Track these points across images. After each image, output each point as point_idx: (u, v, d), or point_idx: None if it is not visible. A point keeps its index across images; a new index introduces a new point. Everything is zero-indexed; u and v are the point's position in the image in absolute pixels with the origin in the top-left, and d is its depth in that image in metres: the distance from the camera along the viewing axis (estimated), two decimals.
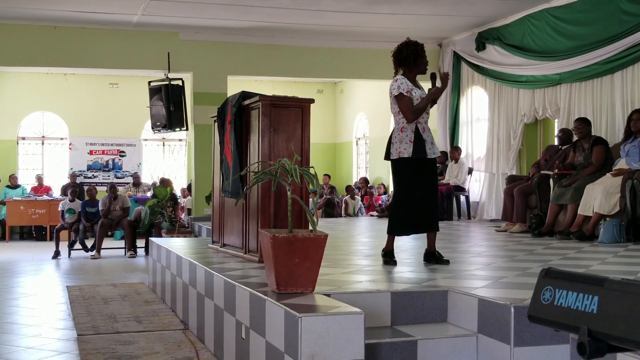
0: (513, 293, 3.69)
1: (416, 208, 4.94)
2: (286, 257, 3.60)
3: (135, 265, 10.02)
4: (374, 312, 3.70)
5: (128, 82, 15.26)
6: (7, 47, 10.72)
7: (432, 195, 5.03)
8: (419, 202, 4.93)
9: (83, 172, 15.53)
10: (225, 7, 9.87)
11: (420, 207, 4.94)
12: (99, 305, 6.35)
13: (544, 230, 7.54)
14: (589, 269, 4.87)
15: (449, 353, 3.47)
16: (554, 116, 9.72)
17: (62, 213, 11.50)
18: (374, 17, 10.06)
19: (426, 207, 4.96)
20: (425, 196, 4.95)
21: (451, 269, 4.87)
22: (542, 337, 3.25)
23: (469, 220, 11.01)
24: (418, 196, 4.92)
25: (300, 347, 3.08)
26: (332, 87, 17.19)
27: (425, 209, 4.96)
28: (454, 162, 11.26)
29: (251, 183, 4.68)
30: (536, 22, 9.78)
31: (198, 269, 5.14)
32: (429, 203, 4.98)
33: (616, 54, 8.30)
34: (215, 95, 10.72)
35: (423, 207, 4.95)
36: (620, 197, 6.87)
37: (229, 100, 5.71)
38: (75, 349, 4.74)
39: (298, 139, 5.11)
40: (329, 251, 4.26)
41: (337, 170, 16.88)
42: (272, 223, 5.00)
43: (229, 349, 4.23)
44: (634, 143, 7.23)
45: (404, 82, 4.94)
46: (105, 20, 10.55)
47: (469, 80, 11.64)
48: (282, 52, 11.74)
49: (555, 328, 1.91)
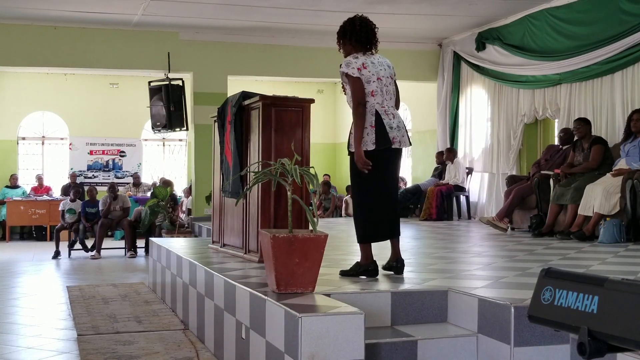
0: (513, 293, 3.69)
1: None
2: (286, 257, 3.60)
3: (135, 265, 10.02)
4: (374, 312, 3.70)
5: (128, 82, 15.25)
6: (7, 47, 10.72)
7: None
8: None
9: (83, 172, 15.52)
10: (225, 7, 9.87)
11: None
12: (99, 305, 6.35)
13: (545, 230, 7.54)
14: (589, 269, 4.87)
15: (449, 353, 3.47)
16: (554, 116, 9.72)
17: (63, 213, 11.50)
18: (374, 17, 9.91)
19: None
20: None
21: (451, 269, 4.87)
22: (542, 337, 3.25)
23: (469, 220, 11.01)
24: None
25: (300, 347, 3.08)
26: (332, 87, 17.18)
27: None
28: (450, 162, 11.28)
29: (251, 183, 4.68)
30: (536, 22, 9.77)
31: (198, 269, 5.14)
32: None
33: (616, 54, 8.30)
34: (215, 95, 10.71)
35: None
36: (620, 197, 6.87)
37: (229, 100, 5.71)
38: (75, 349, 4.74)
39: (298, 139, 5.11)
40: (329, 251, 4.26)
41: (337, 170, 16.87)
42: (272, 223, 5.00)
43: (229, 349, 4.23)
44: (634, 143, 7.23)
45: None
46: (105, 20, 10.55)
47: (469, 81, 11.64)
48: (282, 52, 11.73)
49: (555, 328, 1.91)
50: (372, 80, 4.28)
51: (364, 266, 4.35)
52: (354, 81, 4.26)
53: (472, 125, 11.62)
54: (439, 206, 10.80)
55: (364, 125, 4.22)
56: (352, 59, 4.32)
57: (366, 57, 4.35)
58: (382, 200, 4.32)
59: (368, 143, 4.22)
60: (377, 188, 4.30)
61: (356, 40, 4.38)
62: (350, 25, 4.43)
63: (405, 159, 14.05)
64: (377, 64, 4.35)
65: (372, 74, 4.28)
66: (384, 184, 4.31)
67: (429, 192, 10.96)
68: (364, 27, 4.41)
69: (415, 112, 13.64)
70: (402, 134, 4.34)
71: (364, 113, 4.23)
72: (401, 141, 4.33)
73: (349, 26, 4.43)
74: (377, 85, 4.29)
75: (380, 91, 4.30)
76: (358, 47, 4.38)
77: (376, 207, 4.31)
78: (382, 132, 4.23)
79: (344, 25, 4.46)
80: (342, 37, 4.45)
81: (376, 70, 4.31)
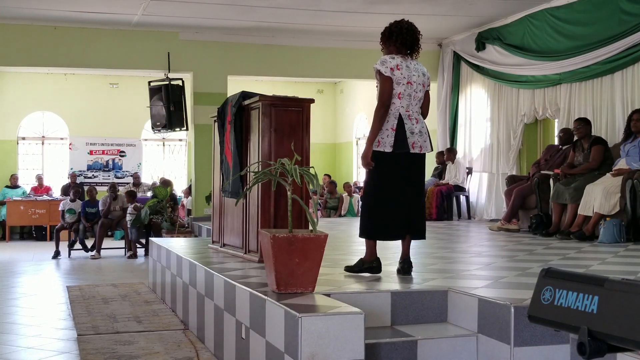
0: (513, 293, 3.69)
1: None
2: (286, 257, 3.60)
3: (135, 265, 10.02)
4: (374, 312, 3.70)
5: (128, 82, 15.25)
6: (7, 47, 10.72)
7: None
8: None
9: (83, 172, 15.52)
10: (225, 7, 9.87)
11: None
12: (99, 305, 6.35)
13: (552, 230, 7.54)
14: (589, 269, 4.87)
15: (449, 353, 3.47)
16: (554, 116, 9.72)
17: (63, 213, 11.50)
18: (374, 17, 10.05)
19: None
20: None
21: (451, 269, 4.87)
22: (542, 337, 3.25)
23: (469, 220, 11.02)
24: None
25: (300, 347, 3.08)
26: (332, 87, 17.18)
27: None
28: (450, 162, 11.29)
29: (251, 183, 4.68)
30: (536, 22, 9.77)
31: (198, 269, 5.14)
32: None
33: (616, 54, 8.30)
34: (215, 95, 10.72)
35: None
36: (620, 197, 6.87)
37: (229, 100, 5.72)
38: (75, 349, 4.74)
39: (298, 139, 5.11)
40: (329, 251, 4.26)
41: (337, 170, 16.87)
42: (272, 223, 5.00)
43: (229, 349, 4.23)
44: (634, 143, 7.23)
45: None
46: (105, 20, 10.55)
47: (469, 80, 11.64)
48: (282, 52, 11.73)
49: (555, 328, 1.91)
50: (402, 83, 4.34)
51: (368, 263, 4.43)
52: (384, 80, 4.33)
53: (472, 125, 11.63)
54: (438, 206, 10.81)
55: (381, 127, 4.30)
56: (389, 58, 4.39)
57: (403, 59, 4.41)
58: (390, 202, 4.33)
59: (386, 145, 4.29)
60: (387, 189, 4.33)
61: (401, 42, 4.45)
62: (397, 27, 4.50)
63: None
64: (412, 69, 4.42)
65: (403, 76, 4.35)
66: (395, 186, 4.34)
67: (428, 192, 10.96)
68: (410, 30, 4.49)
69: None
70: (423, 139, 4.44)
71: (384, 116, 4.30)
72: (422, 146, 4.42)
73: (396, 28, 4.50)
74: (405, 88, 4.36)
75: (408, 95, 4.38)
76: (401, 49, 4.45)
77: (382, 207, 4.34)
78: (402, 136, 4.31)
79: (391, 26, 4.53)
80: (387, 37, 4.51)
81: (409, 74, 4.38)
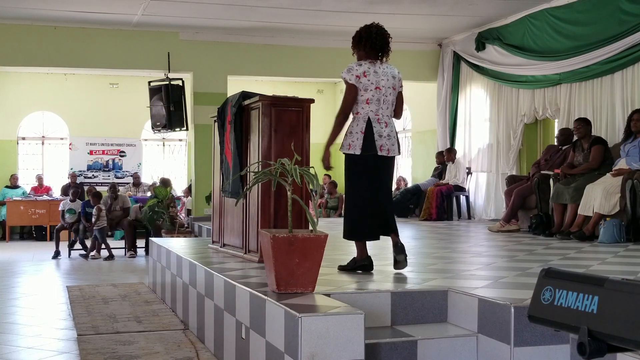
0: (513, 293, 3.69)
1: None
2: (286, 257, 3.60)
3: (135, 265, 10.02)
4: (374, 312, 3.70)
5: (128, 82, 15.24)
6: (7, 47, 10.72)
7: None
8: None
9: (83, 172, 15.51)
10: (225, 7, 9.87)
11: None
12: (99, 305, 6.35)
13: (555, 230, 7.54)
14: (589, 269, 4.87)
15: (449, 353, 3.47)
16: (554, 116, 9.72)
17: (63, 213, 11.49)
18: (374, 17, 9.91)
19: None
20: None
21: (451, 269, 4.87)
22: (542, 337, 3.25)
23: (469, 220, 11.01)
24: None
25: (300, 347, 3.08)
26: (332, 87, 17.18)
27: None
28: (451, 162, 11.29)
29: (251, 183, 4.68)
30: (536, 22, 9.77)
31: (198, 269, 5.14)
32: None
33: (616, 54, 8.30)
34: (215, 95, 10.71)
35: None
36: (620, 197, 6.87)
37: (229, 100, 5.72)
38: (75, 349, 4.74)
39: (298, 139, 5.12)
40: (329, 251, 4.25)
41: (337, 170, 16.86)
42: (272, 223, 5.00)
43: (229, 349, 4.23)
44: (634, 143, 7.23)
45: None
46: (105, 20, 10.55)
47: (469, 80, 11.64)
48: (282, 52, 11.73)
49: (555, 328, 1.91)
50: (369, 89, 4.42)
51: (360, 262, 4.60)
52: (348, 87, 4.46)
53: (471, 125, 11.62)
54: (439, 206, 10.81)
55: (339, 132, 4.51)
56: (355, 66, 4.46)
57: (371, 65, 4.45)
58: (365, 204, 4.49)
59: (356, 147, 4.45)
60: (360, 190, 4.51)
61: (371, 47, 4.49)
62: (366, 32, 4.53)
63: (405, 159, 14.06)
64: (381, 74, 4.46)
65: (371, 82, 4.41)
66: (368, 187, 4.49)
67: (428, 192, 10.96)
68: (379, 35, 4.51)
69: (415, 112, 13.63)
70: (392, 142, 4.52)
71: (343, 122, 4.50)
72: (390, 149, 4.50)
73: (365, 32, 4.53)
74: (374, 94, 4.43)
75: (377, 100, 4.44)
76: (371, 53, 4.49)
77: (358, 209, 4.52)
78: (370, 139, 4.42)
79: (360, 31, 4.56)
80: (357, 42, 4.55)
81: (377, 79, 4.43)
